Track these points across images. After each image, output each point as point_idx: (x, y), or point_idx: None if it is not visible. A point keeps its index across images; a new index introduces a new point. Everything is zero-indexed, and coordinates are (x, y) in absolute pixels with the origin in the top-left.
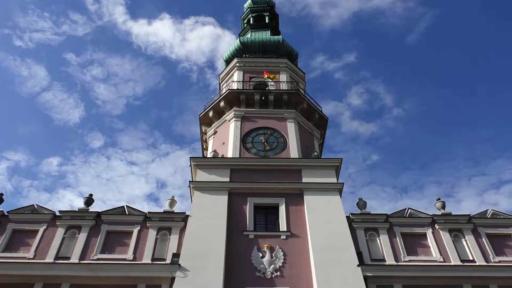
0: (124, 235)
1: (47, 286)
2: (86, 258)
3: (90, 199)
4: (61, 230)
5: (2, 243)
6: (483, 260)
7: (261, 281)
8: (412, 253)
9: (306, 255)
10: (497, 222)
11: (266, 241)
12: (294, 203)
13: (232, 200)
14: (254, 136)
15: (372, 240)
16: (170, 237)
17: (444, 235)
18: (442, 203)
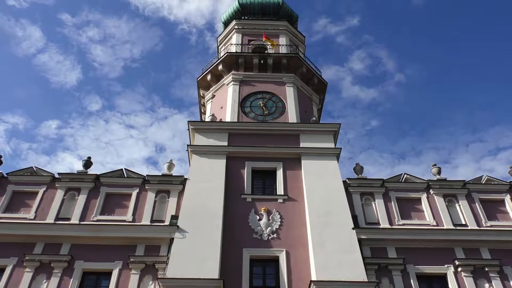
0: (123, 198)
1: (48, 245)
2: (86, 219)
3: (88, 162)
4: (60, 192)
5: (3, 204)
6: (475, 224)
7: (258, 243)
8: (406, 217)
9: (303, 218)
10: (491, 188)
11: (264, 204)
12: (292, 168)
13: (230, 164)
14: (252, 100)
15: (367, 204)
16: (169, 200)
17: (439, 200)
18: (438, 169)
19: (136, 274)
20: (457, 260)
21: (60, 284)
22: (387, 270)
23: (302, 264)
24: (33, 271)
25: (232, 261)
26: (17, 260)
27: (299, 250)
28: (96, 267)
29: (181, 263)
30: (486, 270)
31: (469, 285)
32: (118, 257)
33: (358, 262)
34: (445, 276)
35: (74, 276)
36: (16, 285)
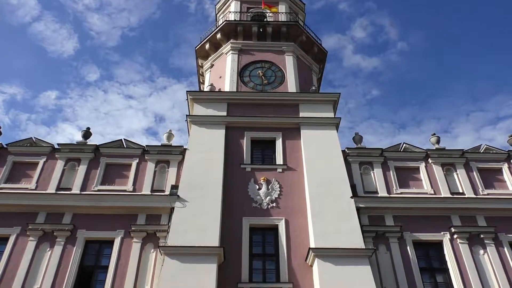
0: (123, 168)
1: (50, 215)
2: (87, 189)
3: (88, 133)
4: (60, 163)
5: (4, 174)
6: (472, 192)
7: (257, 212)
8: (404, 186)
9: (302, 187)
10: (489, 156)
11: (263, 174)
12: (291, 137)
13: (229, 134)
14: (251, 69)
15: (366, 174)
16: (169, 170)
17: (437, 169)
18: (437, 138)
19: (138, 242)
20: (453, 227)
21: (63, 252)
22: (384, 238)
23: (301, 232)
24: (37, 239)
25: (232, 229)
26: (20, 229)
27: (298, 219)
28: (98, 235)
29: (181, 231)
30: (482, 237)
31: (465, 251)
32: (119, 226)
33: (356, 230)
34: (441, 243)
35: (77, 245)
36: (20, 253)
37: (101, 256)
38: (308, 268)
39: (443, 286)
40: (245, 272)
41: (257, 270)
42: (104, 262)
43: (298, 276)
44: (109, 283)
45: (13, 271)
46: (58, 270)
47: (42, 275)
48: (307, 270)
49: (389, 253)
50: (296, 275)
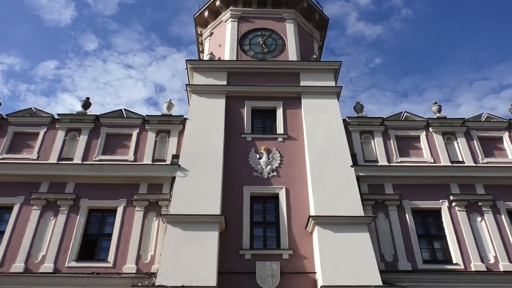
0: (123, 138)
1: (53, 185)
2: (89, 159)
3: (87, 103)
4: (61, 133)
5: (5, 145)
6: (471, 161)
7: (258, 181)
8: (404, 154)
9: (302, 156)
10: (490, 125)
11: (263, 143)
12: (292, 107)
13: (229, 103)
14: (251, 37)
15: (366, 143)
16: (169, 140)
17: (437, 137)
18: (438, 107)
19: (140, 211)
20: (452, 195)
21: (67, 221)
22: (384, 206)
23: (301, 200)
24: (40, 208)
25: (233, 198)
26: (24, 198)
27: (299, 187)
28: (101, 205)
29: (183, 200)
30: (480, 205)
31: (462, 219)
32: (122, 195)
33: (355, 198)
34: (439, 211)
35: (80, 213)
36: (25, 222)
37: (104, 225)
38: (308, 235)
39: (440, 252)
40: (246, 239)
41: (258, 238)
42: (107, 230)
43: (298, 243)
44: (113, 250)
45: (19, 239)
46: (63, 238)
47: (47, 243)
48: (307, 237)
49: (388, 220)
50: (296, 242)
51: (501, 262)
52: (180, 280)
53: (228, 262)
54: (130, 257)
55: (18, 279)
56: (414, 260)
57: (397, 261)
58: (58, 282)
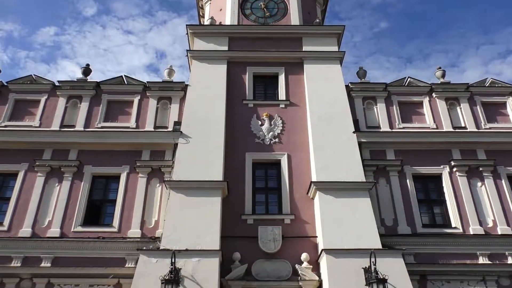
0: (125, 105)
1: (56, 152)
2: (91, 126)
3: (87, 69)
4: (62, 100)
5: (7, 112)
6: (474, 126)
7: (260, 147)
8: (407, 120)
9: (304, 122)
10: (494, 90)
11: (265, 109)
12: (294, 72)
13: (231, 69)
14: (253, 1)
15: (369, 109)
16: (171, 106)
17: (440, 103)
18: (442, 72)
19: (144, 177)
20: (453, 161)
21: (71, 187)
22: (385, 171)
23: (303, 166)
24: (45, 175)
25: (235, 164)
26: (28, 165)
27: (300, 154)
28: (104, 171)
29: (186, 166)
30: (480, 170)
31: (463, 184)
32: (125, 161)
33: (357, 164)
34: (440, 176)
35: (84, 180)
36: (30, 188)
37: (108, 191)
38: (310, 201)
39: (440, 216)
40: (249, 204)
41: (260, 203)
42: (111, 196)
43: (300, 208)
44: (118, 216)
45: (25, 205)
46: (68, 204)
47: (53, 209)
48: (309, 202)
49: (389, 186)
50: (298, 208)
51: (499, 226)
52: (184, 244)
53: (231, 227)
54: (134, 222)
55: (26, 243)
56: (413, 224)
57: (397, 225)
58: (65, 246)
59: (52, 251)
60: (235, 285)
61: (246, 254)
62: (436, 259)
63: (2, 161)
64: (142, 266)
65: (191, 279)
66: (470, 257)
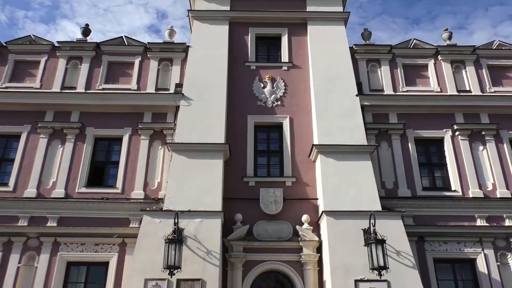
0: (126, 66)
1: (58, 113)
2: (92, 88)
3: (87, 29)
4: (62, 61)
5: (7, 73)
6: (479, 90)
7: (262, 110)
8: (411, 83)
9: (307, 85)
10: (501, 53)
11: (268, 72)
12: (297, 34)
13: (233, 30)
14: None
15: (373, 71)
16: (172, 68)
17: (446, 66)
18: (449, 34)
19: (146, 139)
20: (456, 124)
21: (74, 149)
22: (387, 135)
23: (305, 129)
24: (47, 137)
25: (237, 127)
26: (30, 127)
27: (303, 116)
28: (106, 133)
29: (187, 129)
30: (483, 134)
31: (464, 147)
32: (127, 124)
33: (359, 127)
34: (442, 140)
35: (87, 142)
36: (33, 150)
37: (111, 153)
38: (311, 163)
39: (440, 180)
40: (250, 167)
41: (261, 166)
42: (114, 158)
43: (301, 171)
44: (121, 177)
45: (29, 166)
46: (71, 165)
47: (57, 170)
48: (310, 165)
49: (391, 149)
50: (299, 170)
51: (499, 189)
52: (187, 205)
53: (233, 189)
54: (137, 183)
55: (31, 203)
56: (414, 187)
57: (397, 188)
58: (69, 207)
59: (57, 211)
60: (236, 245)
61: (247, 216)
62: (435, 221)
63: (5, 122)
64: (145, 226)
65: (194, 239)
66: (468, 219)
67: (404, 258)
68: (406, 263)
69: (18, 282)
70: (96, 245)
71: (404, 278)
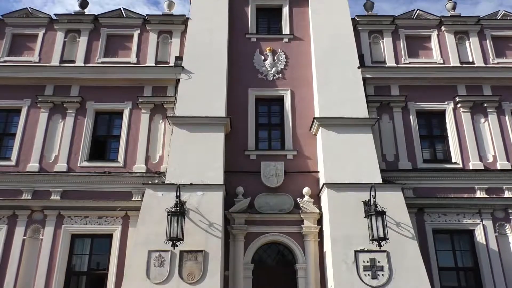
0: (125, 39)
1: (58, 87)
2: (91, 62)
3: (84, 2)
4: (60, 34)
5: (5, 47)
6: (482, 61)
7: (263, 83)
8: (413, 55)
9: (308, 57)
10: (506, 23)
11: (269, 44)
12: (298, 5)
13: (233, 1)
14: None
15: (375, 43)
16: (172, 41)
17: (449, 37)
18: (453, 4)
19: (146, 113)
20: (458, 97)
21: (75, 123)
22: (389, 107)
23: (306, 102)
24: (48, 111)
25: (238, 100)
26: (30, 101)
27: (304, 89)
28: (107, 107)
29: (188, 102)
30: (485, 106)
31: (466, 120)
32: (127, 97)
33: (360, 100)
34: (443, 112)
35: (88, 116)
36: (34, 124)
37: (112, 127)
38: (312, 137)
39: (441, 152)
40: (251, 140)
41: (263, 139)
42: (115, 132)
43: (302, 144)
44: (123, 151)
45: (30, 141)
46: (73, 140)
47: (58, 145)
48: (311, 138)
49: (392, 122)
50: (301, 143)
51: (499, 161)
52: (188, 179)
53: (234, 162)
54: (139, 157)
55: (34, 177)
56: (414, 160)
57: (398, 160)
58: (72, 181)
59: (60, 185)
60: (238, 217)
61: (249, 189)
62: (435, 193)
63: (5, 97)
64: (148, 199)
65: (196, 211)
66: (468, 191)
67: (403, 229)
68: (405, 234)
69: (24, 253)
70: (100, 218)
71: (403, 249)
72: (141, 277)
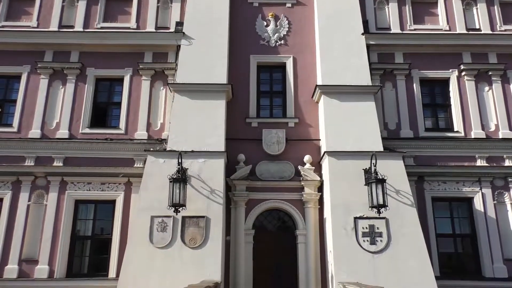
0: (124, 4)
1: (57, 53)
2: (90, 27)
3: None
4: None
5: (2, 11)
6: (489, 28)
7: (265, 49)
8: (419, 21)
9: (311, 23)
10: None
11: (271, 9)
12: None
13: None
14: None
15: (380, 9)
16: (172, 6)
17: (456, 3)
18: None
19: (147, 80)
20: (462, 64)
21: (76, 90)
22: (392, 75)
23: (309, 69)
24: (48, 77)
25: (240, 67)
26: (30, 67)
27: (306, 56)
28: (107, 74)
29: (189, 69)
30: (490, 74)
31: (470, 88)
32: (127, 64)
33: (364, 67)
34: (447, 80)
35: (88, 82)
36: (35, 91)
37: (112, 94)
38: (314, 104)
39: (443, 121)
40: (253, 108)
41: (264, 107)
42: (116, 99)
43: (304, 112)
44: (124, 118)
45: (31, 107)
46: (74, 106)
47: (60, 111)
48: (313, 106)
49: (395, 90)
50: (302, 111)
51: (501, 130)
52: (190, 146)
53: (236, 129)
54: (140, 124)
55: (36, 144)
56: (416, 128)
57: (399, 129)
58: (74, 147)
59: (62, 151)
60: (240, 184)
61: (250, 156)
62: (435, 162)
63: (4, 63)
64: (150, 166)
65: (198, 178)
66: (469, 159)
67: (403, 197)
68: (404, 201)
69: (29, 219)
70: (103, 184)
71: (402, 216)
72: (145, 242)
